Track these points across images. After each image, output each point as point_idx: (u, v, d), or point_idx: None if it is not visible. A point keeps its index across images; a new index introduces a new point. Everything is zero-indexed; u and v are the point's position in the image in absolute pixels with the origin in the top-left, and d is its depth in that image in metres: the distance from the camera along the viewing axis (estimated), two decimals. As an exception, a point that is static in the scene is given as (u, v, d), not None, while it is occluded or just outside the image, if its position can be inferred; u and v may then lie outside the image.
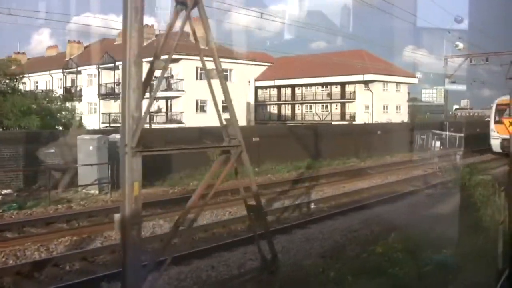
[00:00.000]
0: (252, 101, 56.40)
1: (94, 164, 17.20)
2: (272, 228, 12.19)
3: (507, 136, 26.67)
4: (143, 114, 6.34)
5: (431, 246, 9.87)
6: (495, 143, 28.69)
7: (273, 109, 60.91)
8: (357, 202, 15.81)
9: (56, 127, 26.81)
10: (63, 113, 29.54)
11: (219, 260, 9.66)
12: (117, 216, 6.24)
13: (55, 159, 18.48)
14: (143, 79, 6.45)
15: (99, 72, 47.22)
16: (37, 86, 54.67)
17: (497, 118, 29.24)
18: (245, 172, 8.60)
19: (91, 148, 17.55)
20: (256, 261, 9.03)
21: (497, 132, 28.59)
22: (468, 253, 9.54)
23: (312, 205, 15.28)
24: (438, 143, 29.16)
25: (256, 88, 58.78)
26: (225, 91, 7.45)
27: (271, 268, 8.13)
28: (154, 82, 32.15)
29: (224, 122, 7.64)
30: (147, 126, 42.40)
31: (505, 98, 29.27)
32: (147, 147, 6.47)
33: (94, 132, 19.83)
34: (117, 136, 19.13)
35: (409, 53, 67.05)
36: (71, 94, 48.58)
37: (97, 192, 17.16)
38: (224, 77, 7.63)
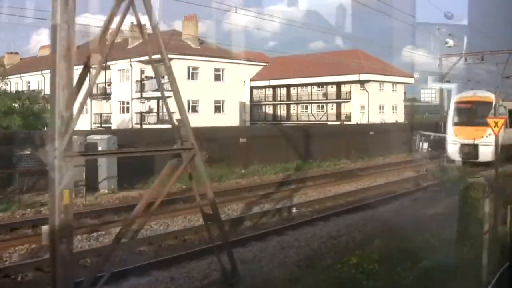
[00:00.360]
0: (247, 101, 55.76)
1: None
2: (247, 235, 11.65)
3: (468, 141, 22.88)
4: (74, 114, 5.71)
5: (413, 255, 9.23)
6: (453, 150, 23.89)
7: (269, 110, 60.26)
8: (341, 206, 15.19)
9: (40, 127, 26.14)
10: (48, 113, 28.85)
11: (181, 271, 9.01)
12: (45, 228, 5.62)
13: (31, 160, 17.83)
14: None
15: (89, 72, 46.48)
16: (29, 86, 54.08)
17: (456, 119, 24.77)
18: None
19: (66, 149, 16.91)
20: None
21: (456, 136, 23.96)
22: (452, 264, 8.93)
23: (294, 210, 14.63)
24: (425, 145, 27.89)
25: (252, 88, 58.14)
26: (174, 88, 6.83)
27: (230, 281, 7.52)
28: (146, 82, 31.68)
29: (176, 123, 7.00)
30: (137, 126, 41.82)
31: (466, 95, 25.34)
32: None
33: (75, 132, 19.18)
34: (95, 137, 18.55)
35: (406, 53, 66.39)
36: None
37: (73, 195, 16.52)
38: (172, 73, 6.99)
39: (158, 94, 40.72)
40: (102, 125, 44.74)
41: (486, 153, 21.50)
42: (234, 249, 10.28)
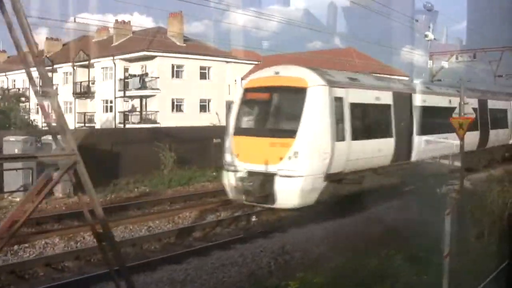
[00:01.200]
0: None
1: (18, 168, 15.40)
2: (187, 249, 10.41)
3: (256, 167, 12.38)
4: None
5: (366, 278, 8.00)
6: (229, 181, 13.19)
7: (261, 109, 58.93)
8: (303, 216, 13.85)
9: (7, 125, 25.08)
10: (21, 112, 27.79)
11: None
12: None
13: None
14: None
15: (74, 70, 45.30)
16: (14, 84, 53.02)
17: (242, 124, 13.54)
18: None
19: (16, 150, 15.80)
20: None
21: (237, 155, 12.91)
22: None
23: (253, 218, 13.35)
24: None
25: (243, 87, 56.82)
26: (45, 82, 5.56)
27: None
28: (130, 81, 30.17)
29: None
30: (120, 126, 40.61)
31: (261, 76, 14.03)
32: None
33: (27, 133, 18.04)
34: (50, 137, 17.38)
35: (402, 51, 65.18)
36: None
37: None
38: (42, 62, 5.72)
39: (141, 92, 39.62)
40: (86, 124, 43.59)
41: (290, 191, 12.22)
42: (166, 267, 9.12)
